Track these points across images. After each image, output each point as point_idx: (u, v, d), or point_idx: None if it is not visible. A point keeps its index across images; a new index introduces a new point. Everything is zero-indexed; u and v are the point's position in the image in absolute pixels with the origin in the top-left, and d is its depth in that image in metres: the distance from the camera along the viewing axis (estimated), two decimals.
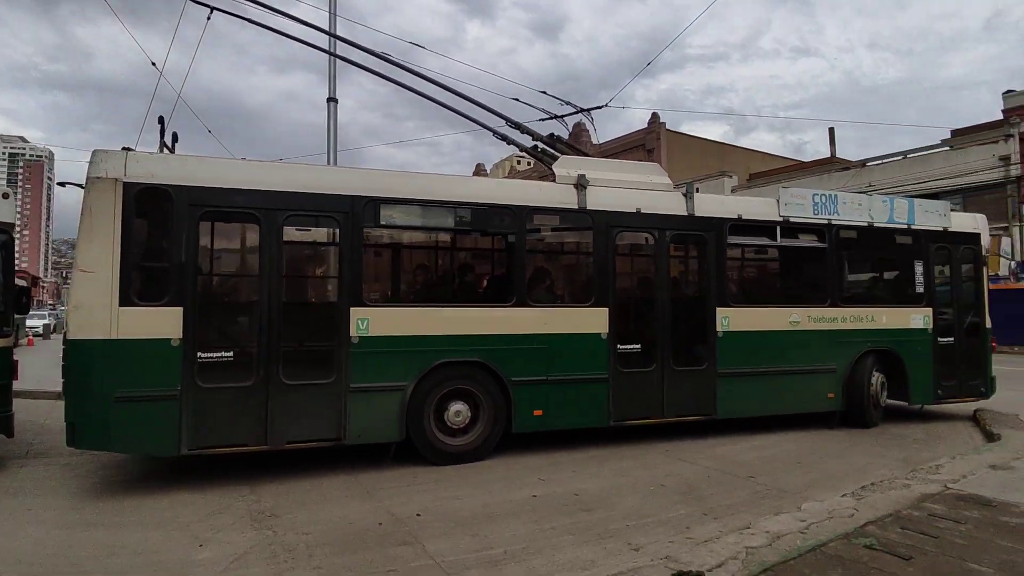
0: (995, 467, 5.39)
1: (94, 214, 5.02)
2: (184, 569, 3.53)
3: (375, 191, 5.86)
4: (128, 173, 5.11)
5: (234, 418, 5.27)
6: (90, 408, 4.94)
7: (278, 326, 5.45)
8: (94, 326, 4.94)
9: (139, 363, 5.03)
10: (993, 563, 3.34)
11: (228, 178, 5.44)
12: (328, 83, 13.01)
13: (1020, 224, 22.16)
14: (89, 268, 4.98)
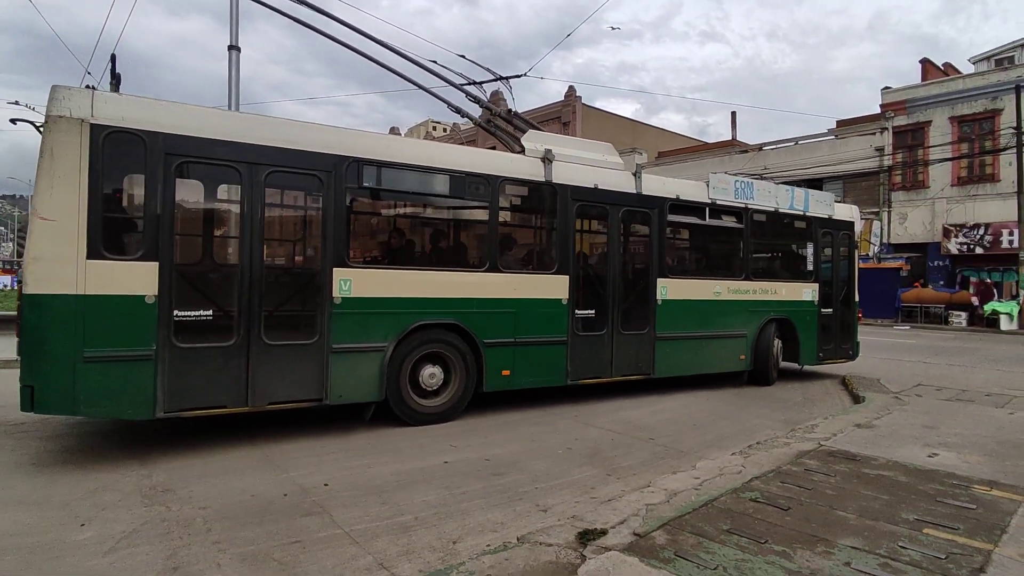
0: (860, 425, 6.02)
1: (56, 157, 4.53)
2: (63, 551, 3.24)
3: (358, 152, 5.78)
4: (96, 114, 4.66)
5: (213, 379, 5.08)
6: (53, 370, 4.53)
7: (260, 285, 5.28)
8: (57, 280, 4.52)
9: (110, 321, 4.67)
10: (855, 509, 3.75)
11: (207, 128, 5.10)
12: (229, 29, 12.02)
13: (889, 209, 24.55)
14: (49, 216, 4.51)
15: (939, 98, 23.38)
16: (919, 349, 13.93)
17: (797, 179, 26.27)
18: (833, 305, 9.78)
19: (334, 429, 5.92)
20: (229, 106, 12.15)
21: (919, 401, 7.42)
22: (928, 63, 26.50)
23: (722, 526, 3.43)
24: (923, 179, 23.83)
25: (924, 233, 23.66)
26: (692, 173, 28.27)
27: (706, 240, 8.90)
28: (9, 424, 5.87)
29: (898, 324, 21.25)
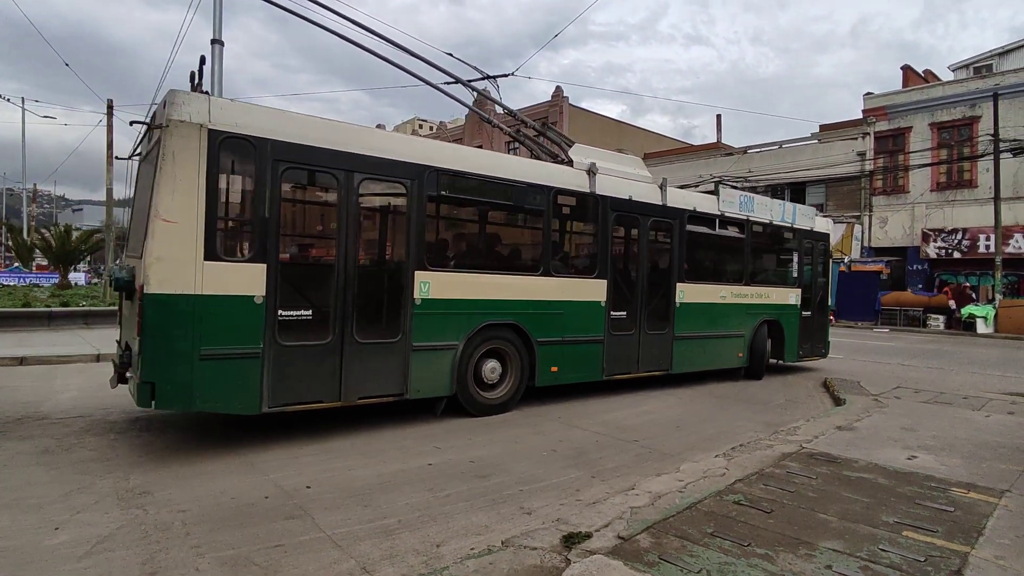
0: (841, 428, 6.09)
1: (177, 161, 4.72)
2: (35, 555, 3.16)
3: (437, 162, 6.16)
4: (213, 120, 4.87)
5: (312, 375, 5.38)
6: (173, 367, 4.73)
7: (353, 286, 5.60)
8: (178, 280, 4.73)
9: (224, 320, 4.91)
10: (836, 511, 3.78)
11: (309, 135, 5.38)
12: (212, 22, 11.88)
13: (870, 214, 24.91)
14: (172, 218, 4.70)
15: (920, 104, 23.76)
16: (898, 352, 14.14)
17: (781, 182, 26.57)
18: (811, 308, 10.78)
19: (315, 431, 5.85)
20: None
21: (898, 403, 7.53)
22: (909, 70, 26.93)
23: (706, 529, 3.45)
24: (903, 184, 24.21)
25: (904, 237, 24.04)
26: (679, 175, 28.45)
27: (715, 248, 9.58)
28: None
29: (878, 327, 21.56)
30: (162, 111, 4.84)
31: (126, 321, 5.50)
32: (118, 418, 6.06)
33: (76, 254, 20.97)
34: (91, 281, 27.56)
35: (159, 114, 4.91)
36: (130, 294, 5.18)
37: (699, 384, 9.13)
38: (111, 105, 16.45)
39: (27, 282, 23.20)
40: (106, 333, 12.28)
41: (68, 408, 6.42)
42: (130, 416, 6.15)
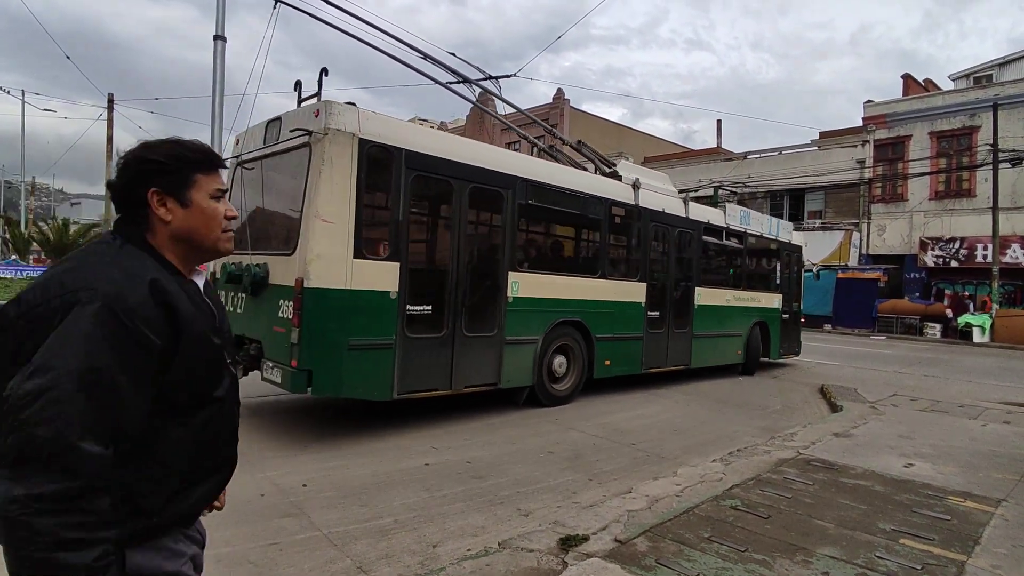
0: (838, 434, 6.10)
1: (334, 166, 5.19)
2: None
3: (526, 173, 6.85)
4: (362, 129, 5.35)
5: (430, 365, 5.91)
6: (328, 356, 5.20)
7: (463, 285, 6.18)
8: (333, 276, 5.19)
9: (367, 313, 5.41)
10: (834, 518, 3.78)
11: (431, 145, 5.95)
12: (216, 18, 11.85)
13: (868, 221, 24.97)
14: (330, 219, 5.17)
15: (919, 113, 23.82)
16: (894, 359, 14.17)
17: (780, 189, 26.63)
18: (790, 311, 12.17)
19: (313, 428, 5.85)
20: (212, 97, 11.98)
21: (895, 411, 7.54)
22: (909, 78, 27.02)
23: (703, 533, 3.44)
24: (902, 192, 24.28)
25: (902, 245, 24.10)
26: (678, 180, 28.39)
27: (721, 256, 10.59)
28: None
29: (875, 334, 21.59)
30: (314, 119, 5.28)
31: (250, 315, 5.88)
32: None
33: (74, 248, 20.92)
34: None
35: (311, 122, 5.30)
36: (257, 289, 5.68)
37: (696, 388, 9.15)
38: (111, 99, 16.42)
39: (24, 275, 23.12)
40: None
41: None
42: None
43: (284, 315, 5.30)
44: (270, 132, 6.07)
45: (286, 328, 5.23)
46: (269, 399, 7.01)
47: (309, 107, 5.55)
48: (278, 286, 5.48)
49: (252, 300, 5.83)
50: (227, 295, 6.13)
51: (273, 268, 5.61)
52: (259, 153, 6.17)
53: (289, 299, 5.21)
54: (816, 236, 25.76)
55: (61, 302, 1.13)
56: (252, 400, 6.94)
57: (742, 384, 9.83)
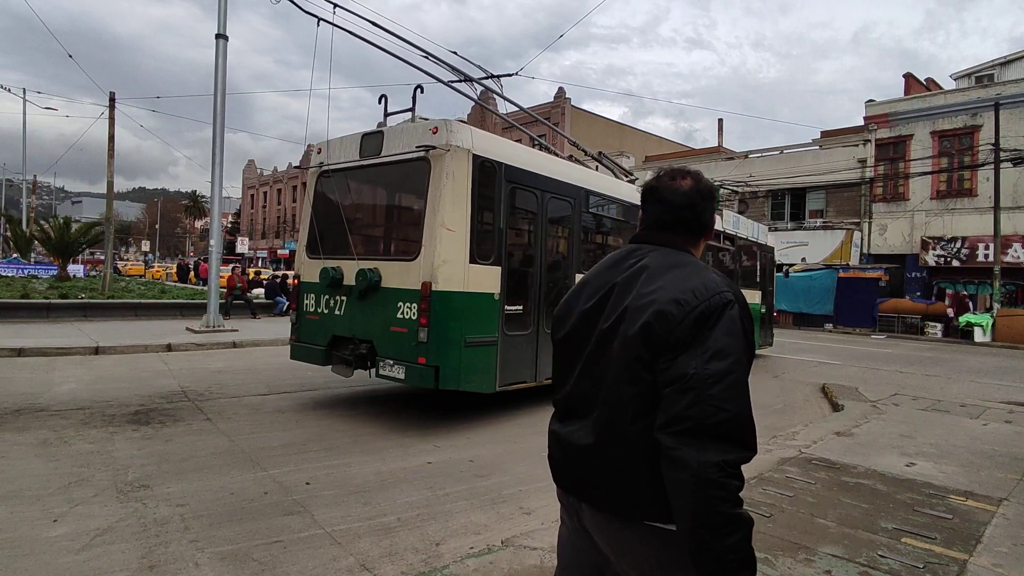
0: (839, 433, 6.10)
1: (455, 179, 5.76)
2: (33, 547, 3.15)
3: (588, 184, 7.64)
4: (475, 145, 5.91)
5: (521, 360, 6.51)
6: (451, 353, 5.69)
7: (544, 286, 6.83)
8: (455, 280, 5.73)
9: (479, 313, 5.94)
10: (835, 517, 3.79)
11: (523, 160, 6.63)
12: (217, 16, 11.86)
13: (870, 220, 24.94)
14: (453, 227, 5.74)
15: (921, 112, 23.78)
16: (895, 359, 14.16)
17: (782, 188, 26.60)
18: (766, 307, 13.50)
19: (316, 427, 5.85)
20: (215, 95, 11.98)
21: (896, 410, 7.54)
22: (911, 78, 26.97)
23: None
24: (903, 191, 24.24)
25: (903, 244, 24.07)
26: None
27: (720, 257, 11.41)
28: None
29: (875, 333, 21.58)
30: (432, 135, 5.83)
31: (357, 317, 6.30)
32: (116, 411, 6.04)
33: (75, 246, 20.92)
34: (90, 273, 27.50)
35: (430, 138, 5.84)
36: (368, 293, 6.12)
37: None
38: (113, 98, 16.42)
39: (25, 273, 23.14)
40: (105, 326, 12.27)
41: (66, 400, 6.41)
42: (128, 410, 6.14)
43: (406, 316, 5.81)
44: (368, 144, 6.50)
45: (409, 328, 5.75)
46: (270, 398, 7.03)
47: (425, 124, 6.01)
48: (395, 289, 5.95)
49: (359, 303, 6.26)
50: (323, 298, 6.64)
51: (386, 273, 6.06)
52: (357, 164, 6.60)
53: (410, 301, 5.77)
54: (817, 235, 25.73)
55: (719, 301, 1.35)
56: (251, 399, 6.96)
57: None
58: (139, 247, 67.20)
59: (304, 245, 7.05)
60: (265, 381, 8.02)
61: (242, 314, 15.74)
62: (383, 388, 7.91)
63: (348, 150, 6.70)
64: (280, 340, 11.87)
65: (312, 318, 6.78)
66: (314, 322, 6.75)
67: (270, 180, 69.24)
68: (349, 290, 6.31)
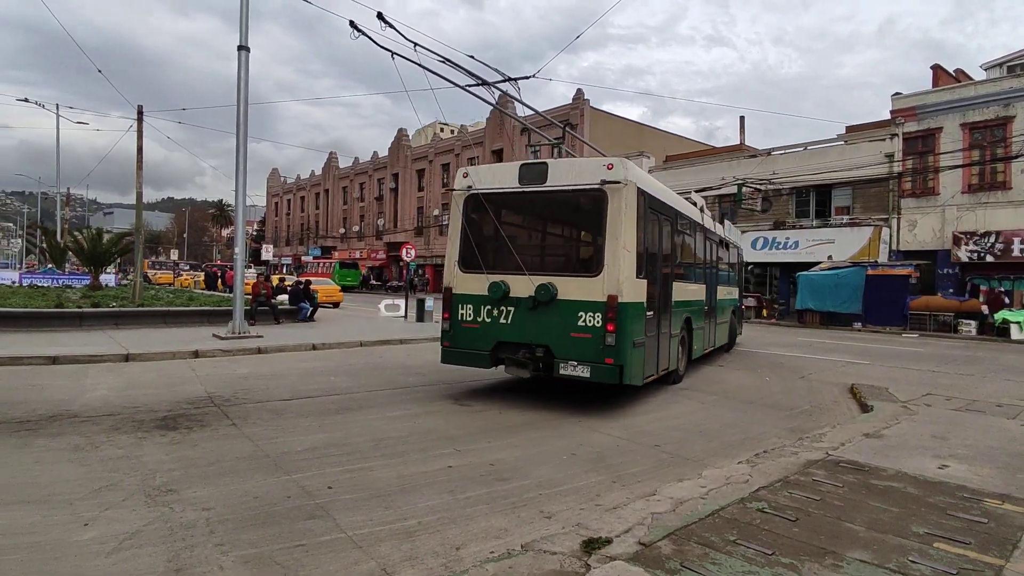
0: (868, 435, 5.95)
1: (628, 208, 6.84)
2: (64, 551, 3.23)
3: (678, 206, 9.26)
4: (637, 179, 7.12)
5: (652, 357, 7.66)
6: (628, 353, 6.73)
7: (663, 292, 8.11)
8: (630, 292, 6.80)
9: (638, 320, 7.09)
10: (864, 521, 3.69)
11: (656, 189, 8.03)
12: (239, 29, 12.08)
13: (898, 216, 24.37)
14: (630, 248, 6.83)
15: (950, 104, 23.18)
16: (928, 358, 13.79)
17: (806, 184, 26.15)
18: (740, 301, 15.94)
19: (337, 431, 5.90)
20: (238, 106, 12.19)
21: (928, 411, 7.34)
22: (939, 69, 26.31)
23: (729, 536, 3.39)
24: (933, 186, 23.64)
25: (934, 240, 23.46)
26: (701, 178, 28.16)
27: (721, 260, 12.89)
28: (13, 421, 5.88)
29: (906, 332, 21.05)
30: (608, 171, 6.81)
31: (531, 325, 7.11)
32: (145, 417, 6.18)
33: (107, 256, 21.46)
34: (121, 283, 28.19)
35: (606, 173, 6.81)
36: (542, 304, 6.96)
37: (722, 389, 9.03)
38: (141, 111, 16.82)
39: (60, 283, 23.81)
40: (135, 333, 12.56)
41: (98, 406, 6.57)
42: (157, 416, 6.27)
43: (588, 324, 6.75)
44: (528, 173, 7.36)
45: (593, 334, 6.70)
46: (293, 403, 7.11)
47: (599, 161, 7.00)
48: (574, 301, 6.86)
49: (530, 312, 7.08)
50: (484, 308, 7.39)
51: (563, 286, 6.92)
52: (517, 190, 7.44)
53: (594, 311, 6.73)
54: (844, 232, 25.22)
55: None
56: (275, 404, 7.05)
57: (769, 384, 9.67)
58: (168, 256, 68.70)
59: (456, 260, 7.72)
60: (289, 386, 8.12)
61: (267, 320, 15.99)
62: (402, 393, 7.96)
63: (503, 177, 7.57)
64: (304, 345, 12.03)
65: (471, 326, 7.51)
66: (474, 330, 7.48)
67: (293, 188, 70.30)
68: (517, 301, 7.13)
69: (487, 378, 9.25)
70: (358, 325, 16.99)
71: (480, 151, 43.44)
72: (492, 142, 42.19)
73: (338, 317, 19.72)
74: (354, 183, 58.70)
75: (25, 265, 55.74)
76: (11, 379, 7.94)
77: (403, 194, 51.71)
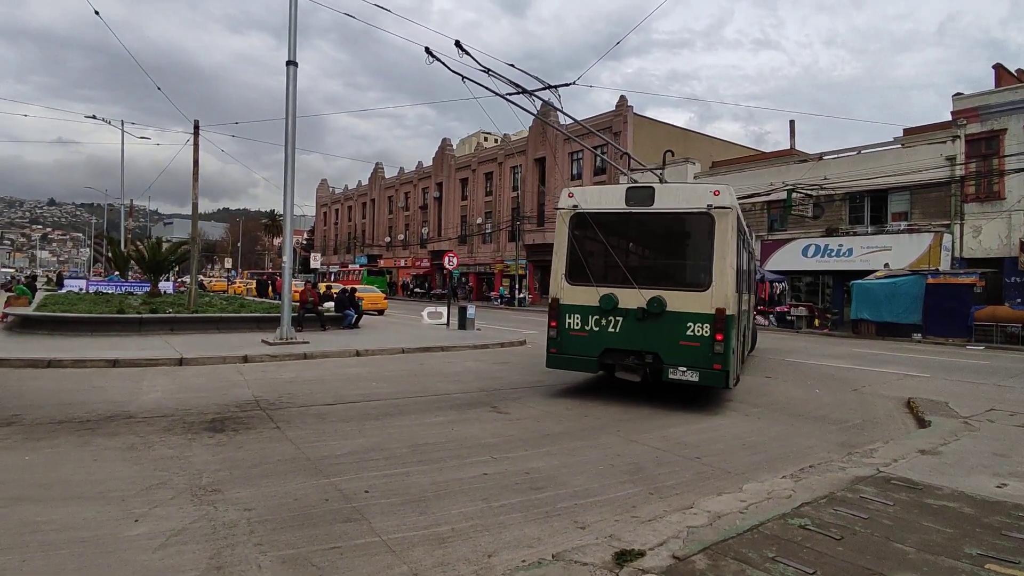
0: (924, 452, 5.66)
1: (731, 230, 7.61)
2: (115, 545, 3.39)
3: (745, 224, 10.32)
4: (734, 203, 7.77)
5: (739, 362, 8.67)
6: (731, 359, 7.53)
7: (739, 306, 8.52)
8: (732, 305, 7.56)
9: (735, 329, 7.80)
10: (916, 543, 3.51)
11: (739, 210, 8.45)
12: (288, 44, 12.51)
13: (961, 222, 23.19)
14: (732, 266, 7.57)
15: (1015, 105, 21.95)
16: (993, 371, 13.02)
17: (860, 190, 25.19)
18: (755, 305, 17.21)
19: (377, 436, 6.00)
20: (286, 119, 12.61)
21: (991, 427, 6.93)
22: (1002, 68, 24.98)
23: (767, 553, 3.28)
24: (998, 190, 22.40)
25: (1000, 247, 22.20)
26: (749, 183, 27.50)
27: None
28: (75, 420, 6.21)
29: (971, 344, 19.94)
30: (714, 197, 7.60)
31: (640, 335, 7.85)
32: (195, 419, 6.43)
33: (166, 264, 22.47)
34: (179, 290, 29.48)
35: (712, 199, 7.61)
36: (652, 316, 7.71)
37: (769, 401, 8.75)
38: (197, 125, 17.61)
39: (123, 290, 25.08)
40: (189, 339, 13.10)
41: (152, 408, 6.88)
42: (206, 418, 6.52)
43: (697, 333, 7.49)
44: (635, 196, 8.09)
45: (701, 343, 7.46)
46: (336, 408, 7.26)
47: (705, 187, 7.84)
48: (682, 312, 7.59)
49: (638, 323, 7.81)
50: (592, 317, 8.11)
51: (671, 299, 7.64)
52: (624, 211, 8.13)
53: (702, 322, 7.48)
54: (902, 239, 24.17)
55: None
56: (318, 408, 7.22)
57: (819, 397, 9.31)
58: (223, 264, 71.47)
59: (563, 273, 8.39)
60: (332, 391, 8.31)
61: (314, 326, 16.42)
62: (441, 400, 8.04)
63: (609, 199, 8.26)
64: (348, 352, 12.29)
65: (579, 334, 8.18)
66: (580, 338, 8.15)
67: (341, 198, 72.16)
68: (625, 312, 7.84)
69: (525, 386, 9.24)
70: (401, 332, 17.25)
71: (523, 160, 43.62)
72: (535, 151, 42.31)
73: (382, 324, 20.07)
74: (399, 192, 59.86)
75: (92, 273, 59.00)
76: (75, 381, 8.40)
77: (447, 203, 52.39)
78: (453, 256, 21.00)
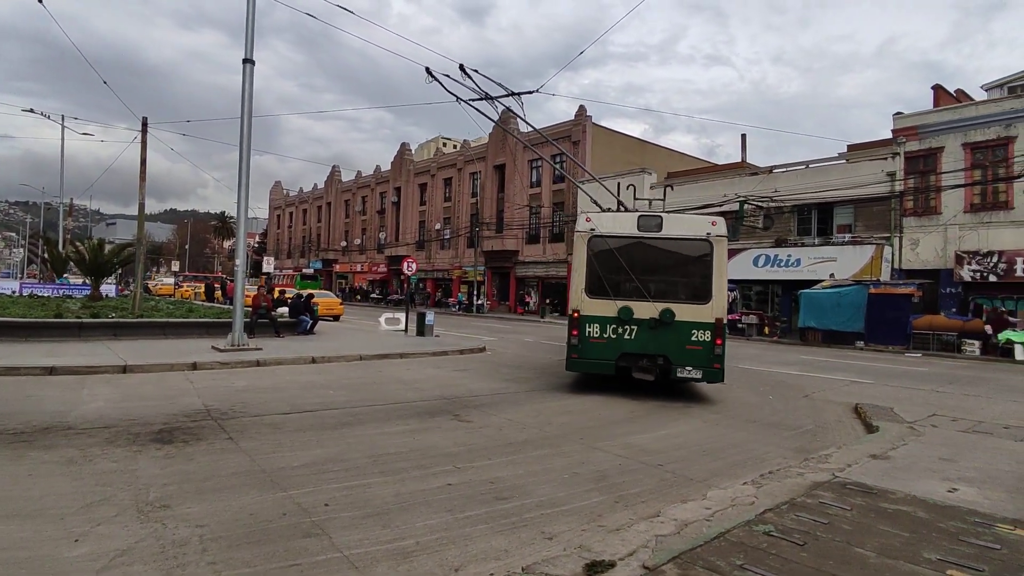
0: (875, 456, 5.85)
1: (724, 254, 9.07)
2: (54, 567, 3.14)
3: None
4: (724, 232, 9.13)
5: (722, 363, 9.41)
6: (724, 359, 8.96)
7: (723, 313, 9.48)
8: (725, 315, 8.97)
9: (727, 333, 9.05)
10: (875, 547, 3.60)
11: None
12: (244, 42, 12.14)
13: (900, 235, 24.35)
14: (725, 283, 9.08)
15: (952, 124, 23.26)
16: (932, 378, 13.68)
17: (808, 203, 26.18)
18: None
19: (335, 446, 5.81)
20: (241, 118, 12.23)
21: (935, 432, 7.24)
22: (940, 89, 26.45)
23: (735, 560, 3.30)
24: (935, 205, 23.64)
25: (936, 259, 23.41)
26: (702, 195, 28.22)
27: None
28: (8, 432, 5.79)
29: (909, 351, 20.92)
30: (712, 227, 9.09)
31: (652, 340, 9.14)
32: (140, 430, 6.09)
33: (108, 267, 21.44)
34: (122, 294, 28.14)
35: (710, 228, 9.10)
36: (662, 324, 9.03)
37: (723, 407, 8.94)
38: (145, 123, 16.89)
39: (60, 293, 23.77)
40: (134, 344, 12.48)
41: (93, 419, 6.48)
42: (152, 428, 6.18)
43: (700, 339, 8.93)
44: (645, 223, 9.35)
45: (703, 347, 8.90)
46: (291, 416, 7.02)
47: (705, 218, 9.29)
48: (688, 322, 8.98)
49: (650, 331, 9.10)
50: (610, 326, 9.26)
51: (678, 311, 9.01)
52: (637, 236, 9.34)
53: (704, 330, 8.93)
54: (846, 251, 25.19)
55: None
56: (273, 418, 6.96)
57: (772, 403, 9.56)
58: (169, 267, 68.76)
59: (583, 288, 9.46)
60: (287, 400, 8.03)
61: (267, 333, 15.92)
62: (401, 408, 7.88)
63: (623, 224, 9.48)
64: (303, 359, 11.94)
65: (598, 341, 9.32)
66: (600, 344, 9.30)
67: (296, 201, 70.53)
68: (639, 322, 9.11)
69: (486, 393, 9.16)
70: (358, 339, 16.90)
71: (483, 166, 43.61)
72: (495, 157, 42.36)
73: (338, 330, 19.63)
74: (356, 197, 58.92)
75: (27, 275, 55.77)
76: (8, 390, 7.86)
77: (405, 208, 51.85)
78: (412, 262, 20.76)
